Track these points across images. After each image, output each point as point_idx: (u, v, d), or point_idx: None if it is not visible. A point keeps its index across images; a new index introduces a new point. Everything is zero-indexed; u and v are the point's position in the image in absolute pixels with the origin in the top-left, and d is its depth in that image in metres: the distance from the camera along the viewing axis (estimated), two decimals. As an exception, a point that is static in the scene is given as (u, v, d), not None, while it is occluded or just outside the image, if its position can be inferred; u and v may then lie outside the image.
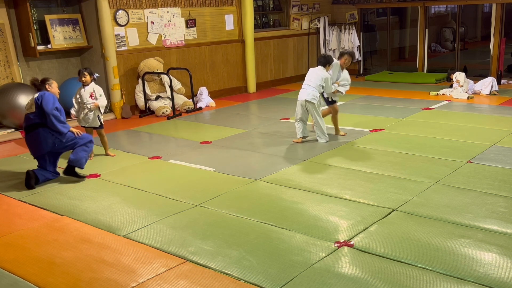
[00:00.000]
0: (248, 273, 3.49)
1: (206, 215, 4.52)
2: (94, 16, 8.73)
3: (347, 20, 12.61)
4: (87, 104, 6.27)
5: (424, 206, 4.49)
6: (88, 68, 6.41)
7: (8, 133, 7.81)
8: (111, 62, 8.71)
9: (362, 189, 4.97)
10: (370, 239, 3.90)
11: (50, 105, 5.41)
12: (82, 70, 6.32)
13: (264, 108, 9.39)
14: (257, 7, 11.58)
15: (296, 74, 12.36)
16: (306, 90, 6.65)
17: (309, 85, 6.64)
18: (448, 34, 14.46)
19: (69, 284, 3.48)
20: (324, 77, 6.57)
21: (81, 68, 6.42)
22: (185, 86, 9.53)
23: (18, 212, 4.85)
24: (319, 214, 4.42)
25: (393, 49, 13.43)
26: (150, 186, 5.34)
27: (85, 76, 6.25)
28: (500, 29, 10.85)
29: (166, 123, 8.50)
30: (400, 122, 7.65)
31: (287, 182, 5.26)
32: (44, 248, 4.05)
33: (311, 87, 6.61)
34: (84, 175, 5.73)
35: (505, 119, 7.53)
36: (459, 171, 5.36)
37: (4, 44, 8.11)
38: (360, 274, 3.42)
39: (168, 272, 3.58)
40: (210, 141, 7.04)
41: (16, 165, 6.32)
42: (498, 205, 4.45)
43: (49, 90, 5.58)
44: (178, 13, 9.74)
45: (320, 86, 6.60)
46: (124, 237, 4.18)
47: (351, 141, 6.73)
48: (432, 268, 3.45)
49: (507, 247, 3.69)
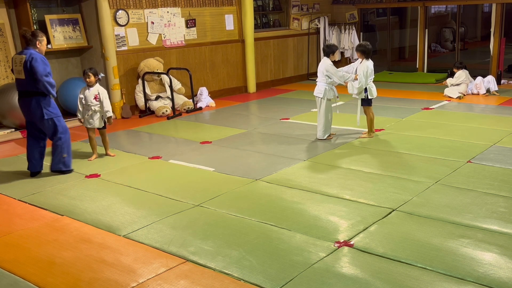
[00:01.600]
0: (248, 273, 3.49)
1: (206, 215, 4.52)
2: (94, 16, 8.73)
3: (347, 20, 12.61)
4: (92, 106, 6.21)
5: (424, 206, 4.49)
6: (93, 68, 6.27)
7: (8, 133, 7.80)
8: (111, 62, 8.71)
9: (362, 189, 4.97)
10: (370, 239, 3.90)
11: (41, 70, 5.27)
12: (87, 70, 6.20)
13: (264, 108, 9.39)
14: (257, 7, 11.58)
15: (296, 74, 12.36)
16: (317, 85, 6.74)
17: (317, 80, 6.71)
18: (448, 34, 14.47)
19: (69, 284, 3.48)
20: (325, 67, 6.56)
21: (86, 68, 6.30)
22: (185, 86, 9.53)
23: (18, 212, 4.85)
24: (319, 214, 4.42)
25: (393, 49, 13.43)
26: (150, 186, 5.34)
27: (89, 77, 6.14)
28: (500, 29, 10.85)
29: (166, 123, 8.50)
30: (400, 122, 7.65)
31: (287, 182, 5.26)
32: (44, 248, 4.05)
33: (318, 81, 6.69)
34: (70, 169, 5.87)
35: (505, 119, 7.53)
36: (459, 171, 5.36)
37: (4, 44, 8.11)
38: (360, 274, 3.42)
39: (168, 272, 3.58)
40: (210, 141, 7.04)
41: (16, 165, 6.32)
42: (498, 205, 4.45)
43: (38, 47, 5.44)
44: (178, 13, 9.74)
45: (326, 77, 6.59)
46: (124, 237, 4.18)
47: (351, 141, 6.73)
48: (432, 268, 3.45)
49: (507, 247, 3.69)
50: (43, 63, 5.37)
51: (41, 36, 5.51)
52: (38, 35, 5.50)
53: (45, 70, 5.36)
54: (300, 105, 9.27)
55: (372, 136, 6.85)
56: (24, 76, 5.41)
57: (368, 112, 6.81)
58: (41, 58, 5.41)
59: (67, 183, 5.57)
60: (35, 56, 5.38)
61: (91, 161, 6.31)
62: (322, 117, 6.74)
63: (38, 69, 5.31)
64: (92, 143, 6.42)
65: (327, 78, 6.60)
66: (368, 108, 6.81)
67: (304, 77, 12.51)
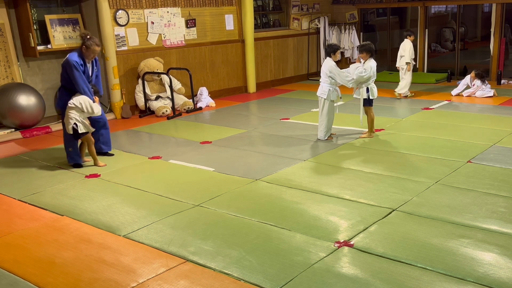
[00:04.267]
0: (248, 273, 3.49)
1: (206, 215, 4.52)
2: (94, 16, 8.73)
3: (347, 20, 12.61)
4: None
5: (424, 206, 4.49)
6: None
7: (8, 133, 7.80)
8: (111, 62, 8.71)
9: (362, 189, 4.97)
10: (370, 239, 3.90)
11: (76, 78, 5.75)
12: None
13: (264, 108, 9.39)
14: (257, 7, 11.58)
15: (296, 74, 12.36)
16: (320, 85, 6.74)
17: (321, 80, 6.73)
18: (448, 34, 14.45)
19: (69, 284, 3.48)
20: (328, 68, 6.56)
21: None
22: (185, 86, 9.53)
23: (18, 212, 4.85)
24: (319, 214, 4.42)
25: (393, 49, 13.41)
26: (150, 186, 5.34)
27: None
28: (500, 29, 10.86)
29: (166, 123, 8.49)
30: (400, 122, 7.65)
31: (287, 182, 5.26)
32: (44, 248, 4.04)
33: (322, 82, 6.70)
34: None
35: (505, 119, 7.53)
36: (459, 171, 5.36)
37: (4, 44, 8.11)
38: (360, 274, 3.42)
39: (168, 272, 3.58)
40: (210, 141, 7.04)
41: (16, 165, 6.32)
42: (498, 205, 4.45)
43: (82, 52, 5.77)
44: (178, 13, 9.74)
45: (329, 78, 6.59)
46: (124, 237, 4.18)
47: (351, 141, 6.73)
48: (432, 268, 3.45)
49: (507, 247, 3.69)
50: (76, 68, 5.79)
51: (90, 41, 5.77)
52: (87, 39, 5.78)
53: (80, 77, 5.84)
54: (300, 105, 9.27)
55: (372, 136, 6.85)
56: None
57: (369, 112, 6.82)
58: (75, 62, 5.77)
59: (67, 183, 5.57)
60: (71, 62, 5.78)
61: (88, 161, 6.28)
62: (324, 118, 6.74)
63: (72, 74, 5.87)
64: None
65: (331, 79, 6.61)
66: (369, 108, 6.82)
67: (304, 77, 12.51)
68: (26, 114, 7.82)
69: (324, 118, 6.74)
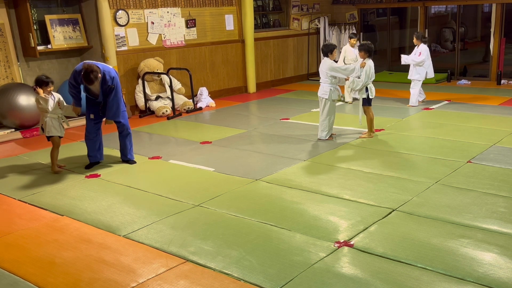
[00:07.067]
0: (248, 273, 3.49)
1: (206, 215, 4.52)
2: (94, 16, 8.73)
3: (347, 20, 12.62)
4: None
5: (424, 206, 4.49)
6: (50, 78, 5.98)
7: (8, 133, 7.80)
8: (111, 62, 8.70)
9: (362, 189, 4.97)
10: (370, 239, 3.90)
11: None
12: (49, 80, 5.87)
13: (264, 108, 9.39)
14: (257, 7, 11.58)
15: (296, 74, 12.36)
16: (321, 85, 6.74)
17: (321, 81, 6.72)
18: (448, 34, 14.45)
19: (69, 284, 3.48)
20: (327, 67, 6.56)
21: (43, 78, 5.85)
22: (185, 86, 9.53)
23: (18, 212, 4.85)
24: (319, 214, 4.42)
25: (393, 49, 13.42)
26: (150, 186, 5.34)
27: (51, 86, 5.86)
28: (500, 29, 10.86)
29: (166, 123, 8.49)
30: (400, 122, 7.65)
31: (287, 182, 5.26)
32: (44, 248, 4.04)
33: (322, 82, 6.70)
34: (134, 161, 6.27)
35: (505, 119, 7.53)
36: (459, 171, 5.36)
37: (4, 44, 8.11)
38: (360, 274, 3.42)
39: (168, 272, 3.58)
40: (210, 141, 7.04)
41: (16, 165, 6.32)
42: (498, 205, 4.45)
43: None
44: (178, 13, 9.74)
45: (330, 78, 6.58)
46: (124, 237, 4.18)
47: (351, 141, 6.73)
48: (432, 268, 3.45)
49: (507, 247, 3.69)
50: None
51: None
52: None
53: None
54: (300, 105, 9.27)
55: (372, 136, 6.85)
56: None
57: (368, 112, 6.82)
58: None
59: (67, 183, 5.57)
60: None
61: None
62: (325, 118, 6.74)
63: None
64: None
65: (332, 79, 6.60)
66: (368, 108, 6.81)
67: (304, 77, 12.51)
68: (26, 114, 7.82)
69: (325, 118, 6.74)
